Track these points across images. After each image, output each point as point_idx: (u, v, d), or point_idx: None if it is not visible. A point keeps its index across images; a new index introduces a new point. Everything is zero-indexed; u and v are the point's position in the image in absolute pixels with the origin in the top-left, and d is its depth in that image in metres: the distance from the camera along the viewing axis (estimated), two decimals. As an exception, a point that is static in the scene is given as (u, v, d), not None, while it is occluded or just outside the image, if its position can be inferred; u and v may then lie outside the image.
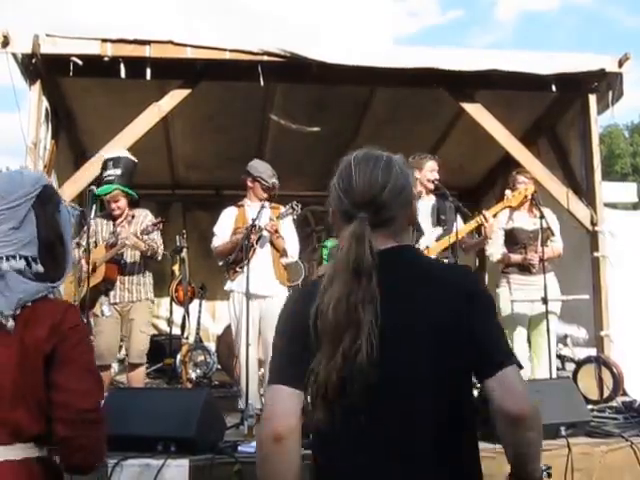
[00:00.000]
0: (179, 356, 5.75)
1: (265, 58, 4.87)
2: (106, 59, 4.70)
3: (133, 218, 4.68)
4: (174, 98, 5.07)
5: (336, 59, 4.87)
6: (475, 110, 5.35)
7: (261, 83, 4.91)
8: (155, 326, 7.37)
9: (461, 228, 4.44)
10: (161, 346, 6.42)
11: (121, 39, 4.72)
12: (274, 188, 4.69)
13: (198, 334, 6.27)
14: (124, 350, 5.12)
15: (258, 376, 4.68)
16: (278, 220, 4.55)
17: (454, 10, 65.05)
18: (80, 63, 4.66)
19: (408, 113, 6.27)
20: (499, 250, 4.77)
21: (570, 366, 5.35)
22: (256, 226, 4.45)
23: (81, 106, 5.93)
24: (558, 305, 4.73)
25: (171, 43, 4.78)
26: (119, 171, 4.58)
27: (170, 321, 6.49)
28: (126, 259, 4.62)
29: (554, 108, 6.13)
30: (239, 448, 3.55)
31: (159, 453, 3.27)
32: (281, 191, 4.80)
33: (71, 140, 6.29)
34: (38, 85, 4.93)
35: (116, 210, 4.62)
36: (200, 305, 6.47)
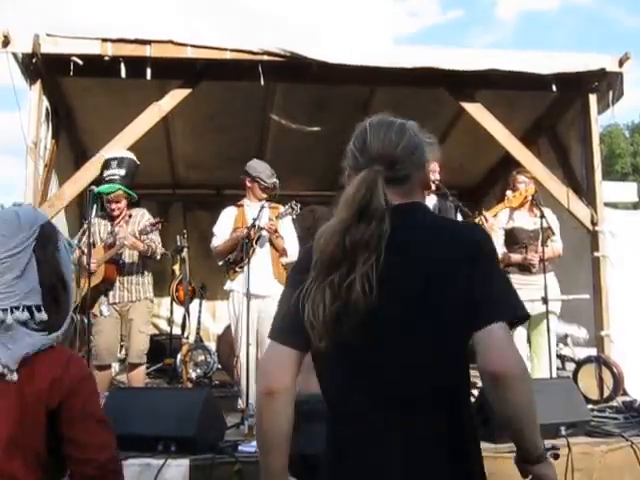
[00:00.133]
0: (179, 356, 5.75)
1: (265, 58, 4.87)
2: (106, 59, 4.70)
3: (130, 218, 4.68)
4: (174, 98, 5.07)
5: (336, 59, 4.87)
6: (475, 110, 5.35)
7: (261, 83, 4.91)
8: (155, 326, 7.37)
9: None
10: (161, 346, 6.42)
11: (121, 39, 4.72)
12: (274, 188, 4.69)
13: (198, 334, 6.27)
14: (124, 350, 5.12)
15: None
16: (277, 220, 4.55)
17: (454, 10, 65.12)
18: (80, 63, 4.66)
19: (408, 113, 6.13)
20: (499, 250, 4.76)
21: (570, 366, 5.36)
22: (256, 226, 4.46)
23: (81, 106, 5.93)
24: (558, 305, 4.73)
25: (171, 43, 4.78)
26: (123, 171, 4.58)
27: (170, 321, 6.49)
28: (125, 259, 4.62)
29: (554, 108, 6.13)
30: (239, 448, 3.55)
31: (159, 453, 3.28)
32: (281, 191, 4.80)
33: (71, 140, 6.29)
34: (38, 85, 4.93)
35: (116, 211, 4.62)
36: (200, 305, 6.47)
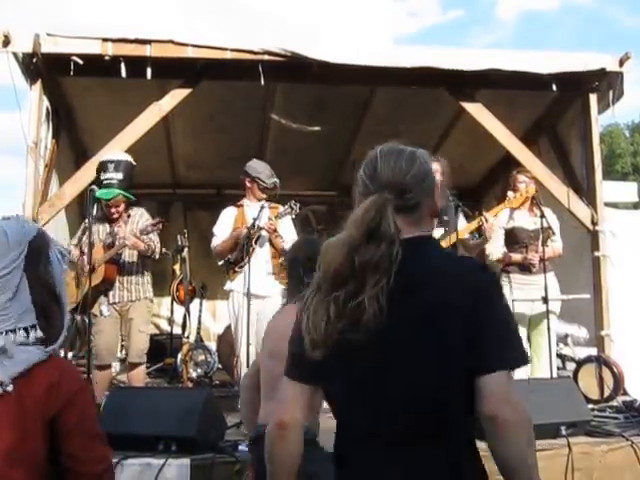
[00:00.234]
0: (180, 355, 5.75)
1: (266, 57, 4.87)
2: (107, 58, 4.70)
3: (129, 217, 4.68)
4: (175, 97, 5.07)
5: (337, 59, 4.87)
6: (475, 110, 5.35)
7: (262, 83, 4.91)
8: (156, 325, 7.37)
9: (461, 229, 4.45)
10: (162, 345, 6.42)
11: (122, 38, 4.72)
12: (274, 188, 4.69)
13: (199, 333, 6.27)
14: (124, 349, 5.12)
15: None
16: (276, 220, 4.54)
17: (454, 10, 65.10)
18: (81, 62, 4.66)
19: (408, 113, 6.26)
20: (499, 249, 4.77)
21: (571, 365, 5.36)
22: (255, 226, 4.46)
23: (82, 105, 5.93)
24: (558, 305, 4.73)
25: (172, 42, 4.78)
26: (120, 175, 4.56)
27: (171, 320, 6.49)
28: (124, 259, 4.62)
29: (554, 107, 6.13)
30: (240, 447, 3.55)
31: (160, 452, 3.28)
32: (282, 190, 4.80)
33: (72, 139, 6.29)
34: (39, 84, 4.93)
35: (115, 214, 4.62)
36: (201, 304, 6.47)
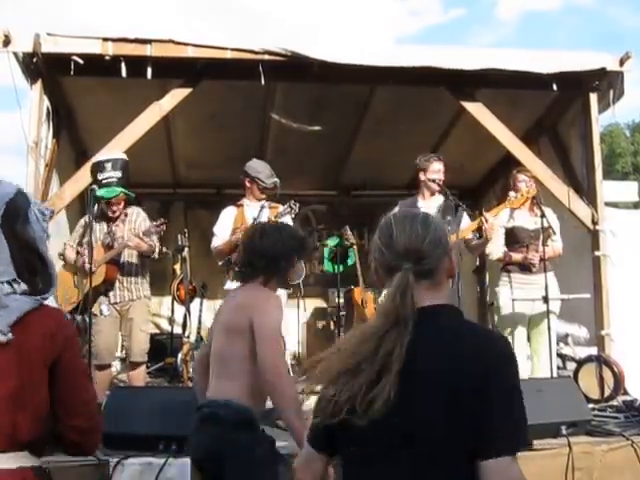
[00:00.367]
0: (180, 355, 5.75)
1: (266, 57, 4.87)
2: (107, 58, 4.69)
3: (126, 216, 4.68)
4: (175, 97, 5.07)
5: (337, 58, 4.87)
6: (476, 109, 5.34)
7: (262, 82, 4.91)
8: (156, 325, 7.37)
9: (462, 229, 4.46)
10: (162, 345, 6.43)
11: (122, 38, 4.72)
12: (274, 188, 4.69)
13: (199, 333, 6.26)
14: (124, 349, 5.12)
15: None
16: (276, 220, 4.54)
17: (456, 9, 65.03)
18: (81, 62, 4.66)
19: (409, 112, 6.26)
20: (499, 249, 4.77)
21: (571, 365, 5.36)
22: (255, 226, 4.46)
23: (82, 105, 5.93)
24: (558, 304, 4.74)
25: (172, 42, 4.78)
26: (119, 173, 4.57)
27: (171, 320, 6.49)
28: (124, 259, 4.62)
29: (555, 107, 6.12)
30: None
31: (160, 452, 3.28)
32: (282, 190, 4.81)
33: (72, 139, 6.29)
34: (39, 84, 4.93)
35: (117, 212, 4.62)
36: (201, 304, 6.46)
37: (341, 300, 6.56)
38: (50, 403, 1.52)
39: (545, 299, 4.44)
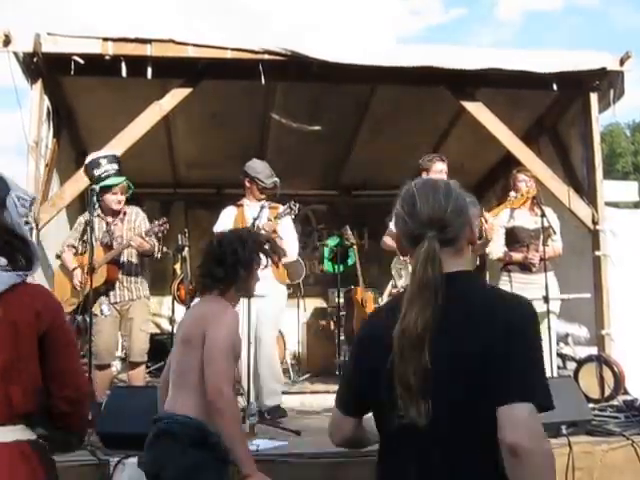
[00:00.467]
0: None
1: (266, 57, 4.87)
2: (107, 58, 4.70)
3: (125, 215, 4.68)
4: (175, 97, 5.07)
5: (337, 58, 4.87)
6: (476, 109, 5.34)
7: (262, 82, 4.91)
8: (157, 325, 7.38)
9: None
10: (163, 345, 6.42)
11: (122, 38, 4.72)
12: (274, 188, 4.68)
13: (199, 333, 6.27)
14: (124, 349, 5.12)
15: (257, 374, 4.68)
16: (276, 220, 4.54)
17: (457, 8, 65.01)
18: (81, 62, 4.67)
19: (409, 112, 6.27)
20: (499, 248, 4.77)
21: (571, 365, 5.36)
22: (255, 226, 4.46)
23: (82, 105, 5.94)
24: (557, 304, 4.74)
25: (172, 42, 4.78)
26: (115, 166, 4.56)
27: (172, 320, 6.47)
28: (124, 258, 4.61)
29: (555, 107, 6.13)
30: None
31: (161, 451, 3.28)
32: (282, 190, 4.80)
33: (72, 139, 6.29)
34: (39, 84, 4.94)
35: (119, 204, 4.60)
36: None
37: (341, 300, 6.56)
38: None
39: (545, 299, 4.43)
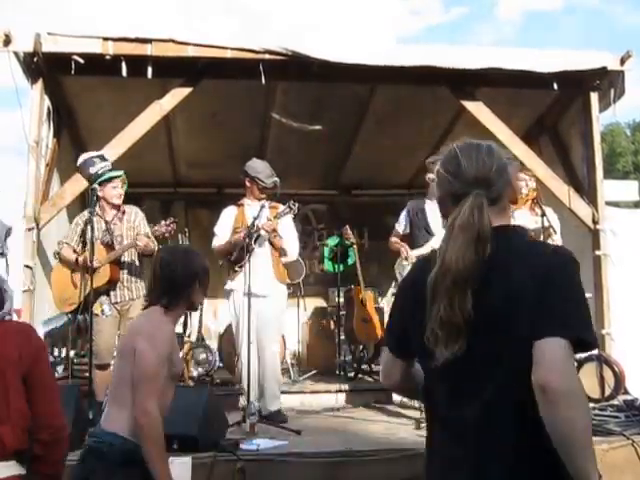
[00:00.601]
0: (181, 354, 5.75)
1: (267, 56, 4.87)
2: (107, 58, 4.70)
3: (124, 214, 4.68)
4: (175, 96, 5.07)
5: (337, 58, 4.87)
6: (476, 108, 5.34)
7: (262, 81, 4.91)
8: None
9: None
10: (163, 344, 6.42)
11: (123, 37, 4.72)
12: (274, 188, 4.68)
13: (200, 332, 6.27)
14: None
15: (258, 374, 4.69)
16: (275, 220, 4.54)
17: (457, 8, 64.99)
18: (82, 61, 4.67)
19: (409, 111, 6.27)
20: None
21: (571, 364, 5.35)
22: (255, 225, 4.46)
23: (83, 104, 5.94)
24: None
25: (172, 42, 4.78)
26: (109, 163, 4.56)
27: (172, 319, 6.49)
28: (125, 258, 4.61)
29: (556, 106, 6.12)
30: (241, 446, 3.57)
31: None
32: (282, 189, 4.80)
33: (73, 138, 6.29)
34: (40, 84, 4.94)
35: (119, 199, 4.59)
36: (202, 303, 6.46)
37: (341, 299, 6.56)
38: None
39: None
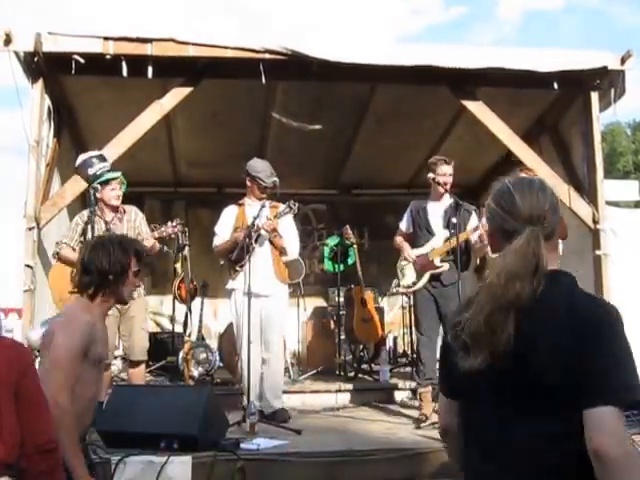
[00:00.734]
0: (181, 354, 5.76)
1: (267, 56, 4.87)
2: (108, 57, 4.70)
3: (124, 214, 4.68)
4: (176, 96, 5.07)
5: (337, 57, 4.87)
6: (476, 108, 5.34)
7: (263, 81, 4.91)
8: (158, 323, 7.39)
9: (462, 233, 4.52)
10: (163, 344, 6.44)
11: (123, 37, 4.72)
12: (274, 187, 4.69)
13: (200, 332, 6.28)
14: (122, 348, 5.12)
15: (260, 374, 4.69)
16: (276, 219, 4.55)
17: (457, 7, 64.98)
18: (82, 61, 4.67)
19: (409, 110, 6.26)
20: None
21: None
22: (255, 225, 4.47)
23: (83, 104, 5.94)
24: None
25: (173, 41, 4.78)
26: (107, 163, 4.56)
27: (173, 319, 6.50)
28: None
29: (556, 105, 6.12)
30: (241, 445, 3.57)
31: (162, 450, 3.29)
32: (282, 189, 4.80)
33: (73, 138, 6.29)
34: (40, 83, 4.94)
35: (118, 199, 4.60)
36: (202, 303, 6.48)
37: (341, 299, 6.57)
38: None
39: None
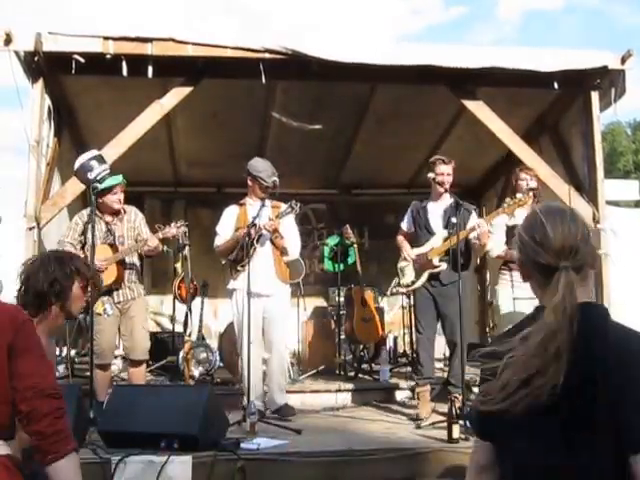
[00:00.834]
0: (181, 353, 5.76)
1: (267, 55, 4.87)
2: (108, 57, 4.70)
3: (124, 215, 4.69)
4: (176, 96, 5.08)
5: (337, 56, 4.87)
6: (477, 107, 5.34)
7: (262, 81, 4.91)
8: (158, 323, 7.39)
9: (459, 233, 4.52)
10: (164, 343, 6.43)
11: (123, 37, 4.73)
12: (274, 187, 4.69)
13: (200, 331, 6.28)
14: (122, 347, 5.13)
15: (261, 374, 4.69)
16: (277, 219, 4.55)
17: (457, 7, 64.95)
18: (82, 61, 4.67)
19: (409, 110, 6.26)
20: (499, 246, 4.78)
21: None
22: (256, 225, 4.47)
23: (83, 104, 5.94)
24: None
25: (173, 41, 4.79)
26: (106, 165, 4.54)
27: (173, 318, 6.50)
28: (128, 258, 4.63)
29: (556, 105, 6.12)
30: (241, 445, 3.57)
31: (162, 450, 3.29)
32: (282, 189, 4.80)
33: (73, 138, 6.29)
34: (40, 83, 4.94)
35: (119, 204, 4.61)
36: (202, 302, 6.48)
37: (341, 299, 6.56)
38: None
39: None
